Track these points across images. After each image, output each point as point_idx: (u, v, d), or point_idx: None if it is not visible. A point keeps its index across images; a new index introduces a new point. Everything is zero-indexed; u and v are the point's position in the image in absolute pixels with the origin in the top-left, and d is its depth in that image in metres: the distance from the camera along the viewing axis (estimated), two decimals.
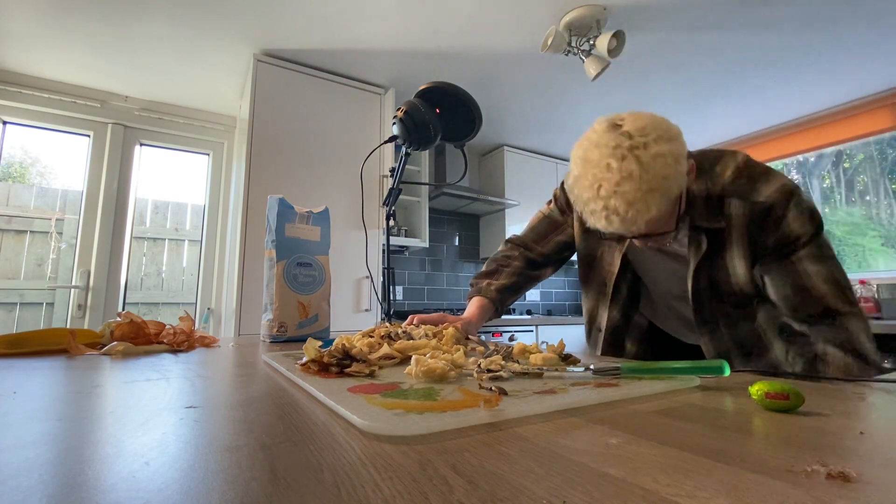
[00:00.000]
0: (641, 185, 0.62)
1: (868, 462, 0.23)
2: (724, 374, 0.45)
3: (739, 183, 0.75)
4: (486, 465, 0.22)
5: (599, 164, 0.65)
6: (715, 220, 0.75)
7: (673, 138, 0.65)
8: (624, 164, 0.63)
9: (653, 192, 0.63)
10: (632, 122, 0.66)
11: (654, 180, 0.62)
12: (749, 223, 0.74)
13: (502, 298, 1.00)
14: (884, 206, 2.75)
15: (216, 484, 0.19)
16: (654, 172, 0.62)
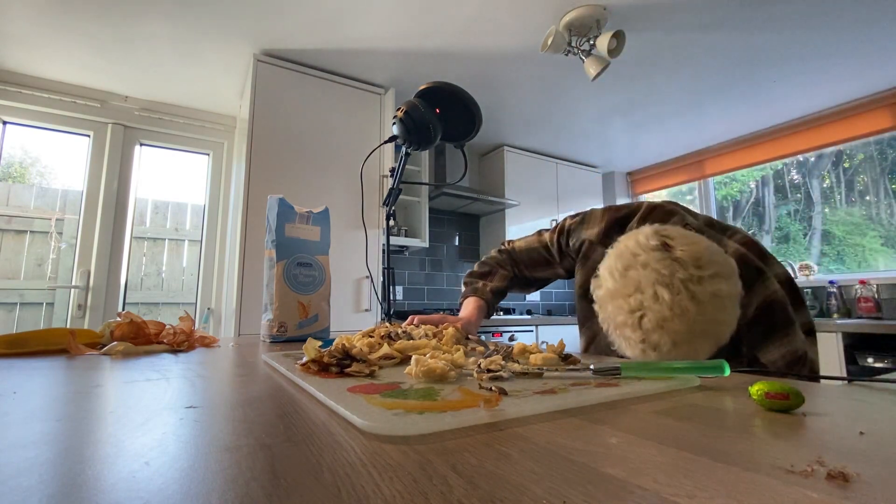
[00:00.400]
0: (694, 327, 0.53)
1: (868, 462, 0.23)
2: (724, 374, 0.45)
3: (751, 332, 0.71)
4: (486, 465, 0.22)
5: (645, 289, 0.55)
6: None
7: (730, 276, 0.56)
8: (677, 298, 0.53)
9: (706, 336, 0.54)
10: (685, 246, 0.56)
11: (709, 324, 0.54)
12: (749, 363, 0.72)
13: (494, 301, 1.02)
14: (884, 206, 2.75)
15: (216, 484, 0.19)
16: (710, 317, 0.53)
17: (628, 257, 0.59)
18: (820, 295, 2.73)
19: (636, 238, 0.60)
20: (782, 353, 0.69)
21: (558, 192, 3.64)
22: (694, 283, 0.54)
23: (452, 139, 1.11)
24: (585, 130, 3.22)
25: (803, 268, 2.89)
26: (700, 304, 0.53)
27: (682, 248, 0.56)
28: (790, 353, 0.69)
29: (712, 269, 0.55)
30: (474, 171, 3.62)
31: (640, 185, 4.11)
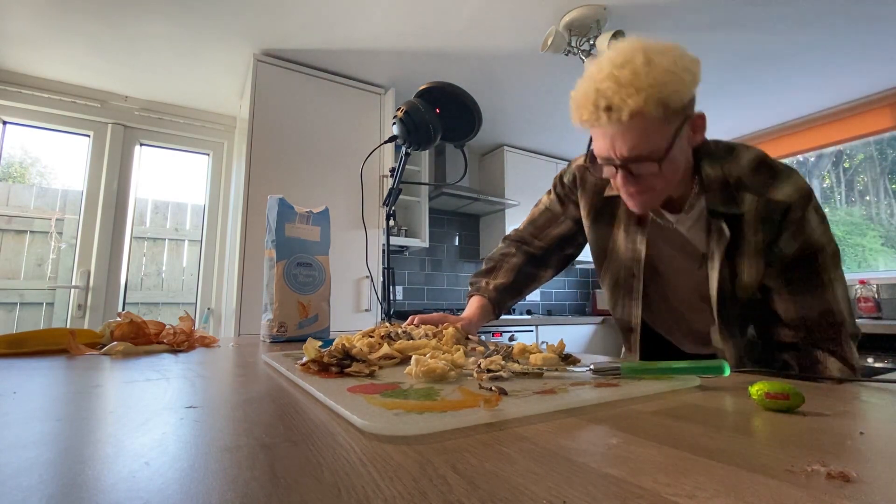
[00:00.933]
0: (639, 72, 0.59)
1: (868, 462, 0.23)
2: (724, 374, 0.45)
3: (756, 177, 0.70)
4: (486, 465, 0.22)
5: (602, 62, 0.64)
6: (732, 206, 0.70)
7: (693, 60, 0.64)
8: (629, 53, 0.61)
9: (652, 85, 0.59)
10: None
11: (655, 73, 0.59)
12: (763, 220, 0.69)
13: (501, 298, 0.95)
14: (884, 206, 2.75)
15: (216, 484, 0.19)
16: (659, 68, 0.59)
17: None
18: None
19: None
20: (796, 188, 0.69)
21: None
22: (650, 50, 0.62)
23: (452, 139, 1.11)
24: (586, 130, 3.21)
25: None
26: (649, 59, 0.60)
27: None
28: (802, 188, 0.69)
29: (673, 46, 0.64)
30: (474, 171, 3.62)
31: None
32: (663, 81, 0.60)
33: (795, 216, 0.68)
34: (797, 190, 0.69)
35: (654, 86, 0.59)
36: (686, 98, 0.63)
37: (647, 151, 0.64)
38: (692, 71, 0.63)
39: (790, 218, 0.68)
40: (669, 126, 0.64)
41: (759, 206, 0.70)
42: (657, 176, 0.67)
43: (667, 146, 0.65)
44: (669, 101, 0.61)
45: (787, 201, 0.68)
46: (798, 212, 0.68)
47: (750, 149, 0.75)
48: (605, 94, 0.62)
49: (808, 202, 0.68)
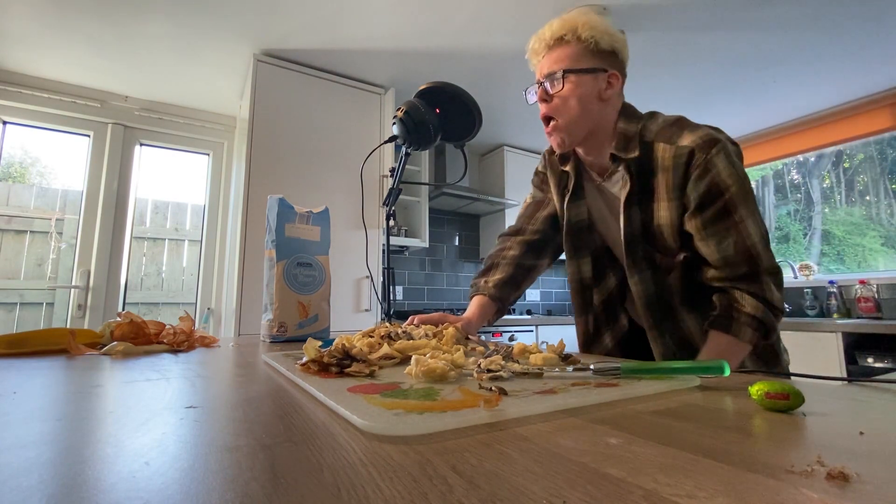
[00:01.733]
0: (567, 18, 0.82)
1: (868, 462, 0.23)
2: (724, 374, 0.45)
3: (668, 130, 0.79)
4: (486, 465, 0.22)
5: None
6: (629, 151, 0.80)
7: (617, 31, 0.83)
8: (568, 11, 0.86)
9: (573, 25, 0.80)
10: None
11: (579, 19, 0.80)
12: (674, 168, 0.76)
13: (502, 295, 0.98)
14: (884, 206, 2.75)
15: (216, 484, 0.19)
16: (583, 18, 0.81)
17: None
18: (820, 295, 2.73)
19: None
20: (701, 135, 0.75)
21: None
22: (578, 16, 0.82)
23: (452, 139, 1.11)
24: None
25: (803, 268, 2.89)
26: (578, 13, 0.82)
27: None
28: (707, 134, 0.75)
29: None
30: (474, 171, 3.62)
31: None
32: (582, 23, 0.80)
33: (699, 160, 0.73)
34: (702, 136, 0.74)
35: (573, 23, 0.81)
36: (601, 46, 0.81)
37: (557, 68, 0.82)
38: (612, 33, 0.82)
39: (694, 162, 0.74)
40: (582, 59, 0.81)
41: (669, 154, 0.77)
42: (561, 100, 0.83)
43: (573, 69, 0.81)
44: (584, 38, 0.80)
45: (690, 146, 0.74)
46: (701, 155, 0.73)
47: (673, 115, 0.84)
48: (542, 29, 0.85)
49: (711, 146, 0.73)
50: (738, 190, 0.73)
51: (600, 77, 0.81)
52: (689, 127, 0.78)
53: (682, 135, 0.77)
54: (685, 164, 0.75)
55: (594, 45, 0.80)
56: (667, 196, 0.78)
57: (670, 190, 0.77)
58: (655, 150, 0.79)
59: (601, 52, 0.81)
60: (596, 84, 0.82)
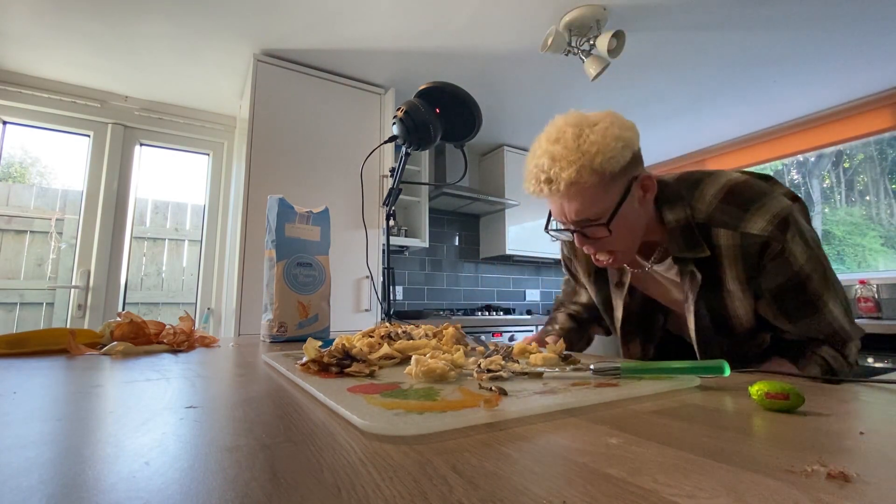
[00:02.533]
0: (569, 146, 0.66)
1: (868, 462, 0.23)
2: (724, 374, 0.45)
3: (726, 210, 0.70)
4: (486, 465, 0.22)
5: (545, 131, 0.72)
6: (697, 250, 0.70)
7: (624, 126, 0.67)
8: (562, 127, 0.69)
9: (579, 155, 0.65)
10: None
11: (585, 145, 0.65)
12: (743, 256, 0.68)
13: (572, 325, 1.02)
14: (884, 206, 2.75)
15: (216, 484, 0.19)
16: (588, 140, 0.65)
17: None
18: None
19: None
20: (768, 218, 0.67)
21: None
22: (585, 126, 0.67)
23: (452, 139, 1.11)
24: None
25: None
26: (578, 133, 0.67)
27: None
28: (775, 216, 0.66)
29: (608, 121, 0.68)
30: (474, 171, 3.62)
31: None
32: (593, 152, 0.65)
33: (775, 250, 0.66)
34: (772, 219, 0.66)
35: (585, 156, 0.65)
36: (621, 163, 0.67)
37: (592, 215, 0.69)
38: (623, 137, 0.67)
39: (769, 253, 0.66)
40: (611, 190, 0.68)
41: (734, 241, 0.68)
42: (611, 237, 0.70)
43: (612, 208, 0.69)
44: (603, 168, 0.66)
45: (762, 235, 0.66)
46: (777, 245, 0.65)
47: (717, 178, 0.74)
48: (543, 169, 0.68)
49: (785, 231, 0.65)
50: (819, 274, 0.67)
51: (634, 190, 0.70)
52: (752, 204, 0.68)
53: (745, 218, 0.68)
54: (757, 255, 0.67)
55: (617, 168, 0.67)
56: (739, 288, 0.70)
57: (742, 282, 0.70)
58: (715, 236, 0.70)
59: (625, 168, 0.68)
60: (633, 201, 0.71)
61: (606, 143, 0.65)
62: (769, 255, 0.66)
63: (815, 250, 0.68)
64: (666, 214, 0.73)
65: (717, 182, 0.73)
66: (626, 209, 0.69)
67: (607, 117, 0.68)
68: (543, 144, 0.69)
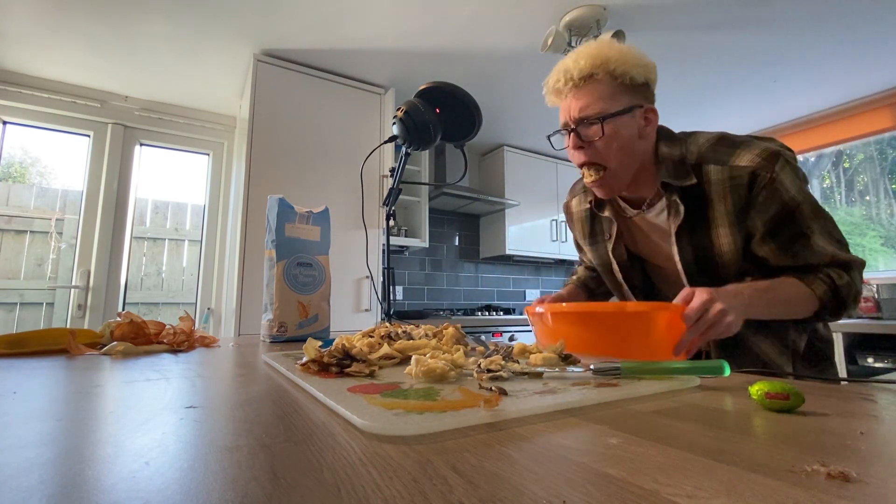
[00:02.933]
0: (594, 47, 0.73)
1: (868, 462, 0.23)
2: (724, 374, 0.45)
3: (717, 150, 0.73)
4: (486, 465, 0.22)
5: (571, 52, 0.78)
6: (685, 178, 0.73)
7: (647, 59, 0.75)
8: (591, 42, 0.75)
9: (604, 57, 0.71)
10: None
11: (609, 51, 0.72)
12: (732, 189, 0.70)
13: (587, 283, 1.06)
14: (884, 206, 2.75)
15: (216, 484, 0.19)
16: (614, 48, 0.72)
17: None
18: None
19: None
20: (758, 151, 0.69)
21: (558, 192, 3.64)
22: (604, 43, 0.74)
23: (452, 139, 1.11)
24: None
25: None
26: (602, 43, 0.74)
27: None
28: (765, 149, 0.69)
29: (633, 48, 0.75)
30: (474, 171, 3.62)
31: None
32: (613, 57, 0.71)
33: (764, 180, 0.68)
34: (761, 153, 0.69)
35: (604, 57, 0.71)
36: (635, 80, 0.73)
37: (593, 112, 0.73)
38: (645, 64, 0.74)
39: (759, 182, 0.68)
40: (618, 99, 0.73)
41: (724, 176, 0.71)
42: (604, 146, 0.74)
43: (611, 112, 0.73)
44: (617, 74, 0.72)
45: (750, 166, 0.69)
46: (766, 174, 0.68)
47: (711, 132, 0.79)
48: (567, 64, 0.75)
49: (773, 162, 0.68)
50: (810, 204, 0.69)
51: (637, 114, 0.75)
52: (741, 144, 0.72)
53: (734, 154, 0.71)
54: (746, 186, 0.69)
55: (629, 80, 0.72)
56: (727, 222, 0.72)
57: (730, 215, 0.71)
58: (704, 173, 0.73)
59: (636, 87, 0.74)
60: (634, 123, 0.75)
61: (629, 57, 0.72)
62: (759, 184, 0.68)
63: (803, 181, 0.71)
64: (661, 148, 0.78)
65: (711, 132, 0.78)
66: (625, 123, 0.74)
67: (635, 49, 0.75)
68: (571, 55, 0.75)
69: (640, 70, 0.73)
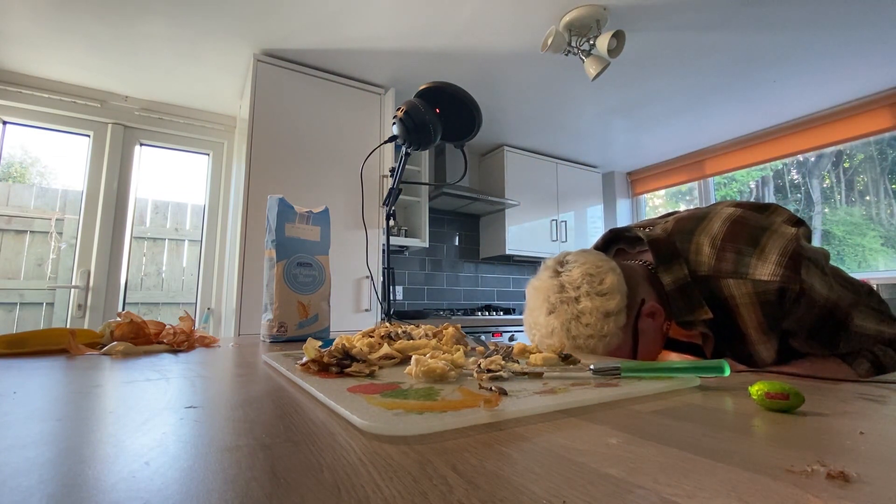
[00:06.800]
0: (564, 343, 0.65)
1: (868, 462, 0.23)
2: (724, 374, 0.45)
3: (729, 259, 0.66)
4: (486, 465, 0.22)
5: (533, 310, 0.70)
6: (698, 312, 0.67)
7: (605, 293, 0.64)
8: (549, 318, 0.66)
9: (577, 349, 0.64)
10: (573, 267, 0.68)
11: (577, 340, 0.64)
12: (761, 304, 0.64)
13: None
14: (884, 206, 2.75)
15: (216, 484, 0.19)
16: (577, 332, 0.64)
17: (532, 284, 0.73)
18: None
19: (545, 263, 0.74)
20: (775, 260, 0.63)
21: (558, 192, 3.64)
22: (567, 304, 0.65)
23: (452, 139, 1.11)
24: (585, 130, 3.22)
25: None
26: (564, 324, 0.64)
27: (569, 270, 0.68)
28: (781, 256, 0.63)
29: (587, 287, 0.65)
30: (474, 171, 3.62)
31: (640, 185, 4.11)
32: (592, 344, 0.64)
33: (794, 293, 0.62)
34: (779, 260, 0.62)
35: (587, 349, 0.65)
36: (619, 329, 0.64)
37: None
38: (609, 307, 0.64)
39: (789, 296, 0.63)
40: (621, 351, 0.66)
41: (747, 290, 0.65)
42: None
43: (631, 346, 0.67)
44: (606, 347, 0.65)
45: (775, 281, 0.62)
46: (794, 286, 0.62)
47: (711, 223, 0.70)
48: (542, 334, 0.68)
49: (797, 270, 0.61)
50: (843, 296, 0.65)
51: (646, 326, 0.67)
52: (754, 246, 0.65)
53: (751, 264, 0.64)
54: (776, 302, 0.63)
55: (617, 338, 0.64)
56: (763, 338, 0.67)
57: (765, 331, 0.66)
58: (725, 287, 0.66)
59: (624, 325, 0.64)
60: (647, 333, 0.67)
61: (599, 328, 0.63)
62: (789, 298, 0.63)
63: (830, 274, 0.66)
64: (663, 278, 0.70)
65: (712, 228, 0.69)
66: (642, 343, 0.67)
67: (584, 283, 0.65)
68: (537, 335, 0.68)
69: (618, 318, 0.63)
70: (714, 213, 0.72)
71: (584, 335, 0.63)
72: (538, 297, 0.69)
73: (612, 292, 0.64)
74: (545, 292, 0.68)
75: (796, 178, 3.22)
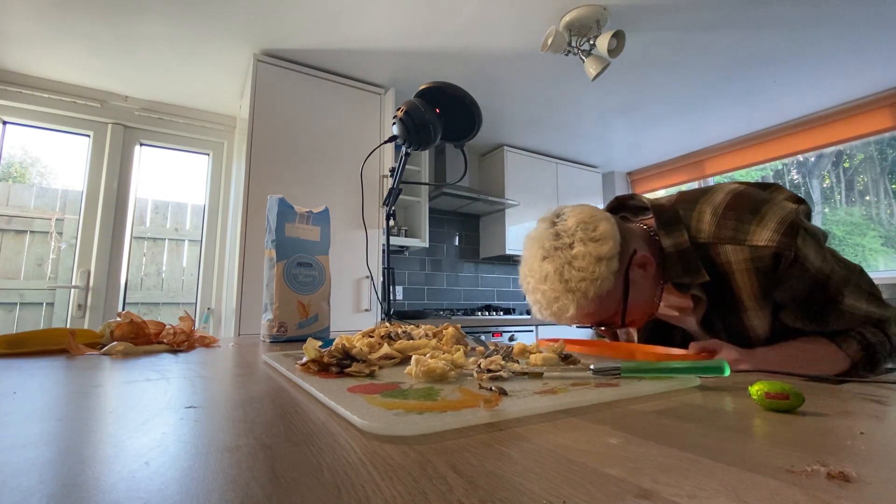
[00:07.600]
0: (557, 287, 0.65)
1: (868, 462, 0.23)
2: (724, 374, 0.45)
3: (728, 225, 0.68)
4: (486, 465, 0.22)
5: (528, 259, 0.70)
6: (695, 275, 0.68)
7: (598, 239, 0.65)
8: (543, 264, 0.66)
9: (570, 292, 0.64)
10: (568, 217, 0.68)
11: (573, 283, 0.64)
12: (756, 270, 0.67)
13: None
14: (884, 206, 2.75)
15: (216, 484, 0.19)
16: (574, 277, 0.64)
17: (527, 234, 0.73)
18: None
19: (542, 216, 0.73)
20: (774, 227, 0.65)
21: (558, 192, 3.64)
22: (561, 250, 0.65)
23: (452, 139, 1.11)
24: (585, 130, 3.22)
25: None
26: (558, 268, 0.64)
27: (564, 219, 0.68)
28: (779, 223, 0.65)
29: (581, 234, 0.65)
30: (474, 171, 3.62)
31: (640, 185, 4.11)
32: (583, 288, 0.63)
33: (789, 259, 0.64)
34: (778, 227, 0.64)
35: (577, 292, 0.64)
36: (612, 275, 0.64)
37: (602, 318, 0.69)
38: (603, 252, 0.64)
39: (783, 263, 0.65)
40: (614, 294, 0.66)
41: (744, 256, 0.67)
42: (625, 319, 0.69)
43: (620, 306, 0.68)
44: (598, 292, 0.64)
45: (771, 246, 0.64)
46: (790, 253, 0.64)
47: (714, 194, 0.72)
48: (543, 306, 0.68)
49: (794, 237, 0.64)
50: (836, 271, 0.66)
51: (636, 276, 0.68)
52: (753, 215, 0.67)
53: (749, 230, 0.66)
54: (771, 267, 0.66)
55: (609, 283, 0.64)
56: (756, 305, 0.69)
57: (757, 296, 0.69)
58: (721, 253, 0.68)
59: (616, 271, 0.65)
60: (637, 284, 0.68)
61: (591, 271, 0.63)
62: (783, 265, 0.65)
63: (825, 249, 0.68)
64: (663, 240, 0.72)
65: (715, 198, 0.71)
66: (633, 293, 0.68)
67: (578, 230, 0.66)
68: (531, 282, 0.69)
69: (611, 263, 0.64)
70: (718, 187, 0.74)
71: (576, 279, 0.63)
72: (533, 245, 0.69)
73: (604, 238, 0.65)
74: (540, 241, 0.68)
75: (796, 178, 3.22)
